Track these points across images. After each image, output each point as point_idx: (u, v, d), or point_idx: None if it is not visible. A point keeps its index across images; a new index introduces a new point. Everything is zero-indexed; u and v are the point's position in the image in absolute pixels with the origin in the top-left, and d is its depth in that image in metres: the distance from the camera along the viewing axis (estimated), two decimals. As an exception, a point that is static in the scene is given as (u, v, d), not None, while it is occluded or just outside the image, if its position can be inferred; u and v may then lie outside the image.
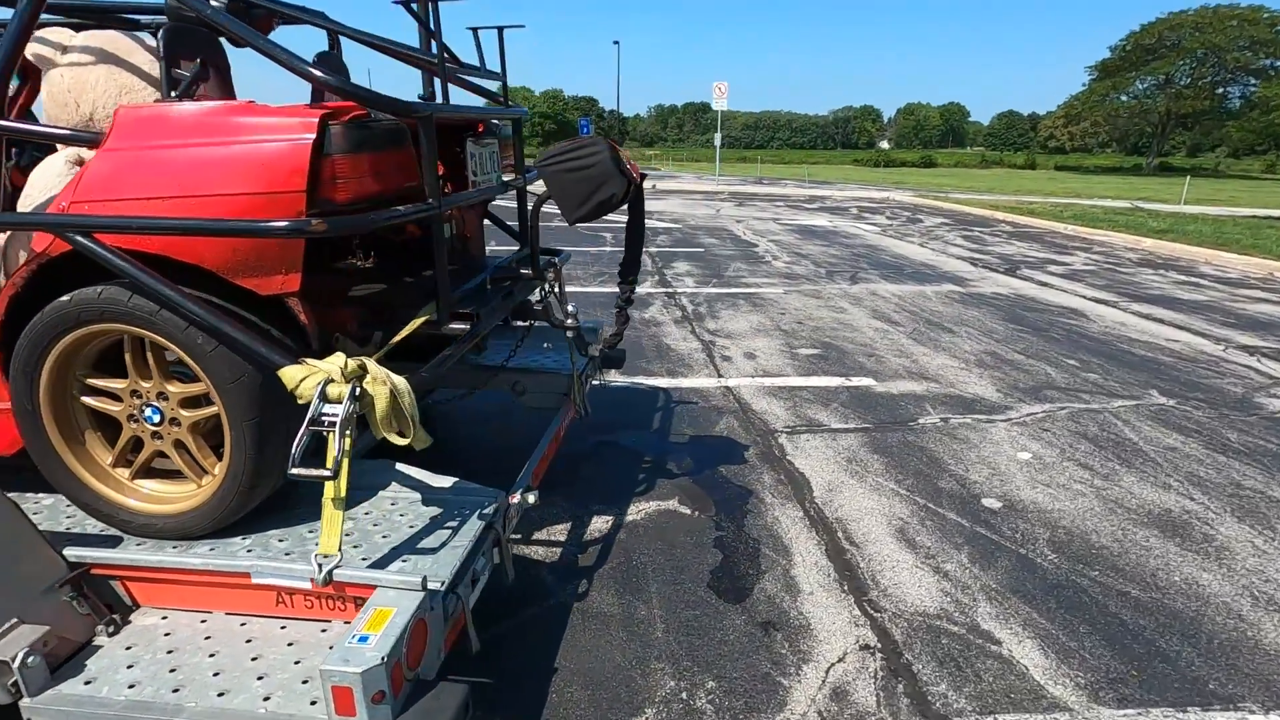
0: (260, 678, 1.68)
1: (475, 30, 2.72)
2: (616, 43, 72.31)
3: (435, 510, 2.17)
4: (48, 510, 2.12)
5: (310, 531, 2.05)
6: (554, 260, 3.21)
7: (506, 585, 2.66)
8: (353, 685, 1.47)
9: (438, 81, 2.68)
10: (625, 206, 2.64)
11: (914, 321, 6.85)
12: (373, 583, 1.76)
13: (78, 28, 2.30)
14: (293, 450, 1.67)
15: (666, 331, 6.31)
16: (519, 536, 3.04)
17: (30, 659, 1.61)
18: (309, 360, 1.80)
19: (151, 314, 1.79)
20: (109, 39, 2.19)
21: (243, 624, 1.87)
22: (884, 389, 4.93)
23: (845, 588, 2.73)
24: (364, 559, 1.91)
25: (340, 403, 1.71)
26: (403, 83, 2.78)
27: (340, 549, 1.76)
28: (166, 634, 1.83)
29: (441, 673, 1.88)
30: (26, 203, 2.03)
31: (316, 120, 1.78)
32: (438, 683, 1.66)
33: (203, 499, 1.97)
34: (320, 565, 1.73)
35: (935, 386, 5.00)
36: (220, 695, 1.62)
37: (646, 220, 2.82)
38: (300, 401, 1.79)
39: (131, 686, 1.65)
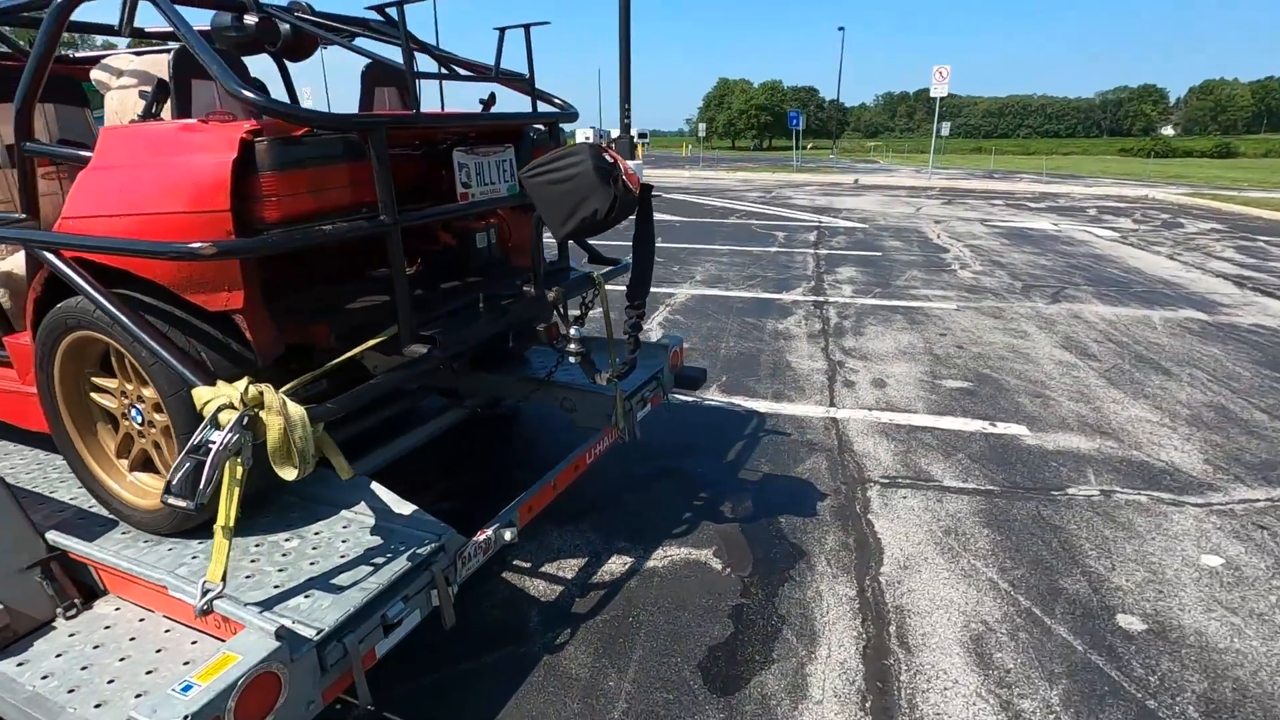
0: (139, 695, 1.69)
1: (501, 30, 2.57)
2: (841, 29, 68.79)
3: (376, 540, 2.07)
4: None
5: (256, 546, 2.06)
6: (595, 274, 2.98)
7: (488, 618, 2.52)
8: (156, 738, 1.40)
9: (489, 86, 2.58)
10: (635, 217, 2.34)
11: (1118, 356, 5.51)
12: (241, 620, 1.69)
13: (140, 53, 2.54)
14: (171, 477, 1.65)
15: (795, 347, 5.74)
16: (528, 564, 2.88)
17: (-32, 634, 1.78)
18: (221, 383, 1.78)
19: (109, 325, 1.89)
20: (152, 62, 2.38)
21: (167, 630, 1.92)
22: (1036, 442, 3.98)
23: (867, 705, 2.18)
24: (275, 587, 1.86)
25: (223, 430, 1.66)
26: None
27: (224, 579, 1.71)
28: (107, 627, 1.94)
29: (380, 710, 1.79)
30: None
31: (238, 138, 1.74)
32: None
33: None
34: (206, 592, 1.71)
35: (1111, 446, 3.93)
36: (97, 707, 1.66)
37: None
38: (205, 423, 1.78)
39: (45, 677, 1.75)
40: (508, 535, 2.33)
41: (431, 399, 3.58)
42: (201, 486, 1.60)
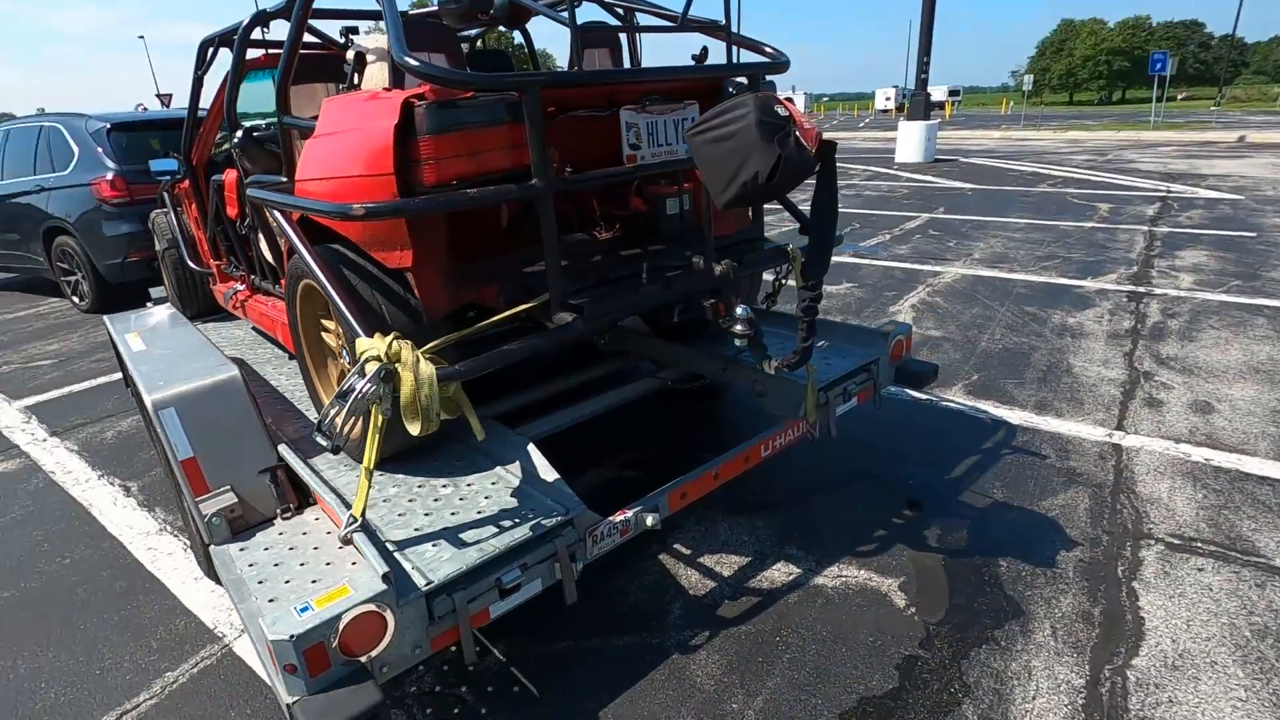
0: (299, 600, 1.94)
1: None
2: (1251, -61, 52.74)
3: (514, 503, 2.10)
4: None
5: (419, 487, 2.23)
6: (788, 247, 2.63)
7: (629, 601, 2.46)
8: (271, 647, 1.57)
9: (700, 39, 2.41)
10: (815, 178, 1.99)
11: None
12: (364, 556, 1.82)
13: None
14: (325, 412, 1.82)
15: (1085, 347, 4.60)
16: (689, 551, 2.73)
17: (215, 519, 2.20)
18: (378, 336, 1.91)
19: (314, 276, 2.15)
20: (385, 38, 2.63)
21: (340, 547, 2.19)
22: None
23: (1058, 840, 1.63)
24: (416, 530, 1.99)
25: (366, 379, 1.77)
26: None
27: (364, 515, 1.87)
28: (304, 533, 2.27)
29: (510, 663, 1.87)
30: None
31: (399, 103, 1.81)
32: (365, 684, 1.64)
33: (359, 432, 2.33)
34: (346, 524, 1.88)
35: None
36: (270, 601, 1.94)
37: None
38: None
39: (250, 565, 2.11)
40: (649, 520, 2.21)
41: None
42: (339, 427, 1.74)
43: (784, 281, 2.69)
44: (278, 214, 2.19)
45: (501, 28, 2.88)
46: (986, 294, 5.87)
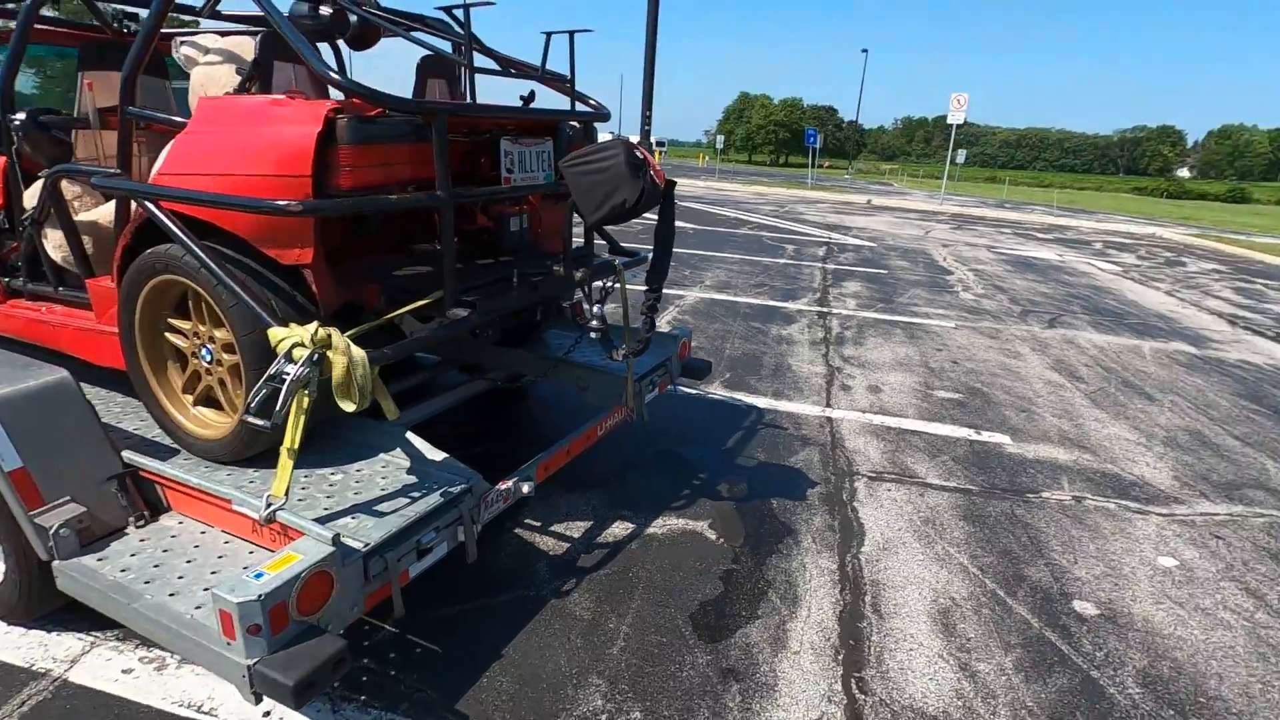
0: (207, 589, 1.95)
1: (547, 35, 2.84)
2: (865, 51, 69.21)
3: (412, 479, 2.33)
4: (135, 414, 2.63)
5: (306, 476, 2.32)
6: (615, 261, 3.24)
7: (493, 562, 2.77)
8: (231, 611, 1.65)
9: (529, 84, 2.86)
10: (658, 210, 2.60)
11: (1104, 380, 5.75)
12: (301, 529, 1.95)
13: (224, 34, 2.82)
14: (249, 399, 1.92)
15: (796, 352, 6.00)
16: (538, 524, 3.13)
17: (63, 531, 2.03)
18: (293, 325, 2.04)
19: (194, 270, 2.16)
20: (236, 43, 2.65)
21: (226, 542, 2.18)
22: (1017, 450, 4.22)
23: (839, 658, 2.42)
24: (326, 508, 2.12)
25: (297, 364, 1.92)
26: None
27: (288, 494, 1.97)
28: (173, 536, 2.20)
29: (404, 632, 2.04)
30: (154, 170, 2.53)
31: (324, 114, 2.01)
32: (323, 635, 1.80)
33: (227, 431, 2.32)
34: (269, 504, 1.97)
35: (1088, 459, 4.17)
36: (170, 595, 1.92)
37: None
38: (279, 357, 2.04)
39: (123, 571, 2.01)
40: (525, 488, 2.59)
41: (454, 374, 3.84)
42: (278, 409, 1.86)
43: (610, 291, 3.28)
44: (149, 206, 2.13)
45: (349, 48, 3.05)
46: (722, 313, 7.18)
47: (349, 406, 1.98)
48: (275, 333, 2.01)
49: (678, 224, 2.76)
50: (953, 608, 2.72)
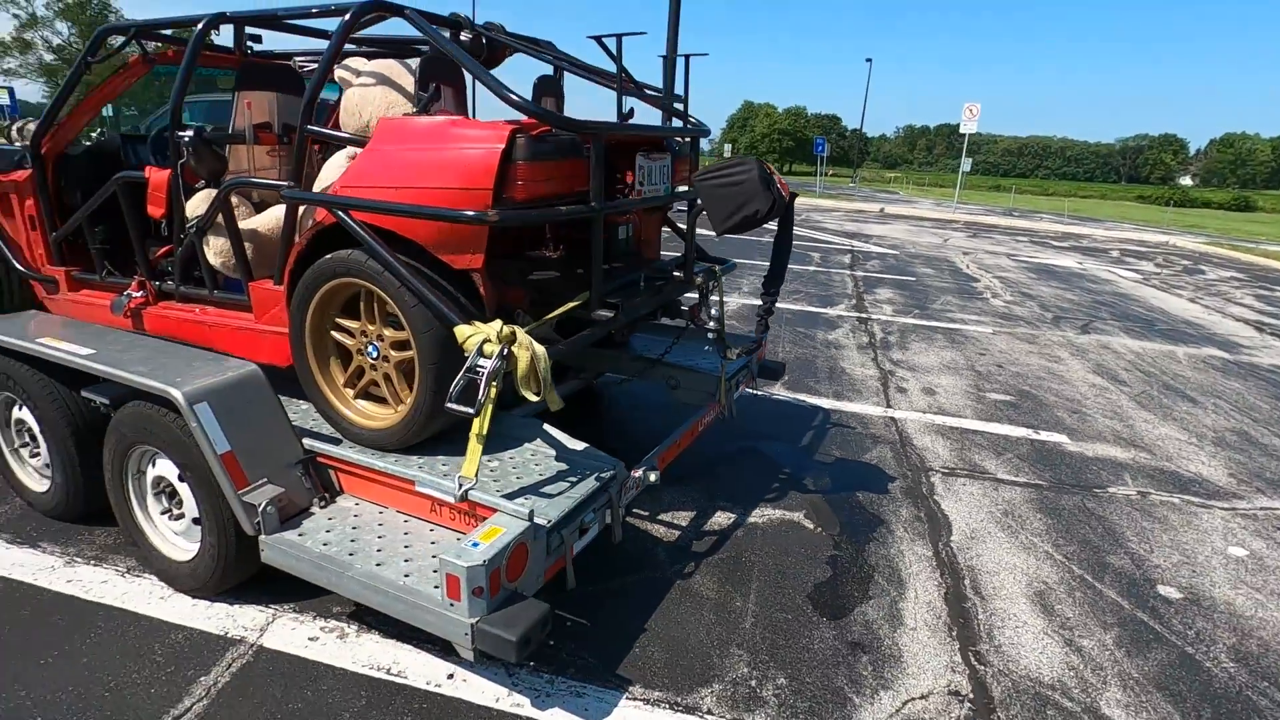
0: (407, 560, 2.16)
1: (665, 58, 3.07)
2: (869, 60, 69.63)
3: (563, 466, 2.53)
4: (303, 411, 2.85)
5: (491, 462, 2.52)
6: (714, 268, 3.46)
7: (615, 546, 2.98)
8: (460, 575, 1.86)
9: (627, 101, 3.08)
10: (775, 222, 2.82)
11: (1146, 384, 5.95)
12: (494, 506, 2.15)
13: (370, 56, 3.05)
14: (450, 389, 2.13)
15: (846, 355, 6.21)
16: (646, 513, 3.33)
17: (269, 508, 2.24)
18: (477, 323, 2.26)
19: (378, 274, 2.37)
20: (386, 65, 2.88)
21: (405, 521, 2.39)
22: (1077, 449, 4.43)
23: (953, 633, 2.62)
24: (498, 490, 2.33)
25: (490, 359, 2.13)
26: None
27: (477, 476, 2.18)
28: (355, 515, 2.41)
29: (553, 606, 2.24)
30: (318, 185, 2.76)
31: (507, 133, 2.23)
32: (529, 599, 2.00)
33: (394, 421, 2.53)
34: (460, 485, 2.18)
35: (1145, 457, 4.37)
36: (377, 565, 2.13)
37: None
38: (467, 355, 2.26)
39: (325, 545, 2.22)
40: (652, 477, 2.79)
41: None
42: (480, 399, 2.07)
43: (712, 295, 3.49)
44: (342, 215, 2.33)
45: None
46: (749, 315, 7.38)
47: (532, 396, 2.19)
48: (462, 330, 2.23)
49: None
50: (1047, 591, 2.92)
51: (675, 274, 3.01)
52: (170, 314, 3.14)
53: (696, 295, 3.49)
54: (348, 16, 2.51)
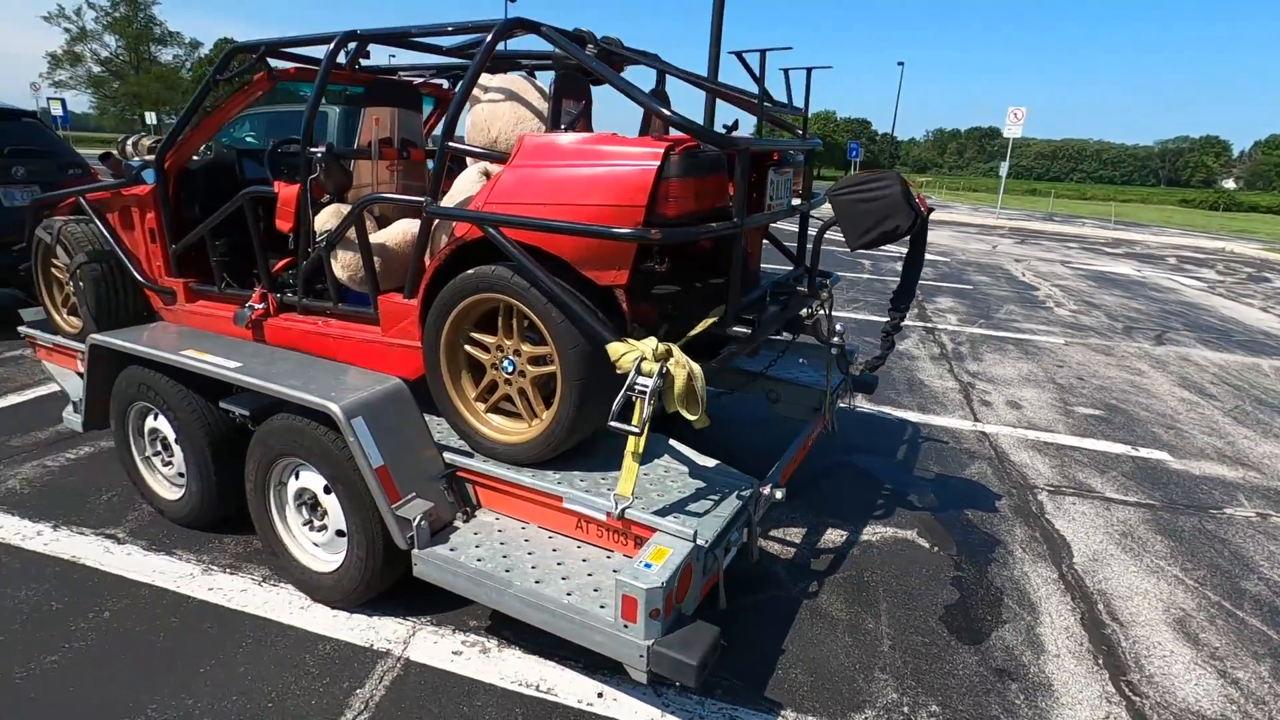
0: (564, 578, 2.15)
1: (786, 71, 3.05)
2: (901, 64, 68.97)
3: (700, 483, 2.51)
4: (434, 423, 2.87)
5: (602, 478, 2.51)
6: (826, 281, 3.42)
7: (747, 566, 2.95)
8: (638, 597, 1.85)
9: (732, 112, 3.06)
10: (907, 238, 2.78)
11: (1237, 398, 5.76)
12: (654, 526, 2.14)
13: (492, 71, 3.07)
14: (613, 407, 2.12)
15: (921, 367, 6.11)
16: (760, 529, 3.29)
17: (422, 523, 2.26)
18: (629, 339, 2.25)
19: (524, 289, 2.37)
20: (512, 81, 2.89)
21: (550, 538, 2.39)
22: (1181, 466, 4.29)
23: (1099, 662, 2.54)
24: (643, 507, 2.31)
25: (651, 377, 2.12)
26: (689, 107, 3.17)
27: (633, 494, 2.17)
28: (499, 530, 2.42)
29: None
30: (449, 200, 2.77)
31: (662, 150, 2.22)
32: (694, 620, 1.99)
33: (531, 436, 2.53)
34: (617, 503, 2.17)
35: (1255, 476, 4.22)
36: (536, 582, 2.13)
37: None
38: (619, 372, 2.25)
39: (479, 560, 2.23)
40: (779, 494, 2.76)
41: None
42: (643, 416, 2.06)
43: (823, 308, 3.45)
44: (491, 231, 2.34)
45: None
46: (832, 327, 7.31)
47: (691, 415, 2.17)
48: (616, 348, 2.22)
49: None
50: (1187, 618, 2.83)
51: (799, 289, 2.98)
52: (293, 326, 3.19)
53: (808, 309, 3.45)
54: (490, 36, 2.53)
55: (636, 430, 2.08)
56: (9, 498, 3.26)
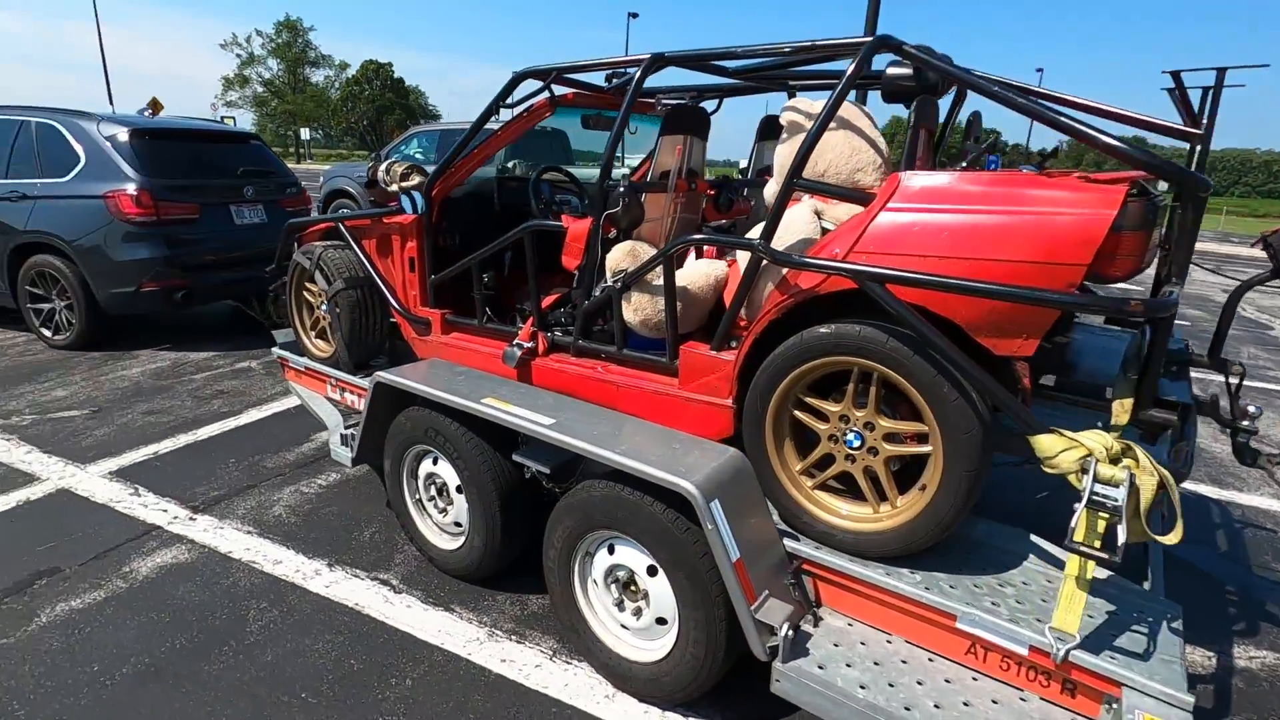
0: (986, 729, 1.73)
1: (1177, 74, 2.51)
2: (1039, 70, 64.19)
3: (1108, 605, 2.01)
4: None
5: (975, 585, 2.06)
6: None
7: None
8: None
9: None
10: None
11: None
12: (1120, 680, 1.68)
13: (791, 93, 2.73)
14: (1071, 524, 1.69)
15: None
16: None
17: (788, 632, 1.91)
18: (1063, 431, 1.81)
19: (905, 357, 1.97)
20: (845, 108, 2.53)
21: (930, 660, 1.97)
22: None
23: None
24: (1061, 639, 1.85)
25: (1118, 486, 1.67)
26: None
27: (1078, 631, 1.72)
28: (862, 643, 2.02)
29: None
30: (779, 243, 2.43)
31: (1120, 196, 1.77)
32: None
33: (886, 526, 2.12)
34: (1057, 642, 1.72)
35: None
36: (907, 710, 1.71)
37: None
38: (1051, 472, 1.81)
39: (863, 687, 1.84)
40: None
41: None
42: (1123, 540, 1.62)
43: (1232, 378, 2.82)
44: (874, 289, 1.97)
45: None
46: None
47: (1157, 537, 1.70)
48: (1048, 441, 1.79)
49: None
50: None
51: (1198, 355, 2.43)
52: (566, 369, 2.96)
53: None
54: (854, 62, 2.18)
55: (1113, 557, 1.63)
56: (279, 527, 3.24)
